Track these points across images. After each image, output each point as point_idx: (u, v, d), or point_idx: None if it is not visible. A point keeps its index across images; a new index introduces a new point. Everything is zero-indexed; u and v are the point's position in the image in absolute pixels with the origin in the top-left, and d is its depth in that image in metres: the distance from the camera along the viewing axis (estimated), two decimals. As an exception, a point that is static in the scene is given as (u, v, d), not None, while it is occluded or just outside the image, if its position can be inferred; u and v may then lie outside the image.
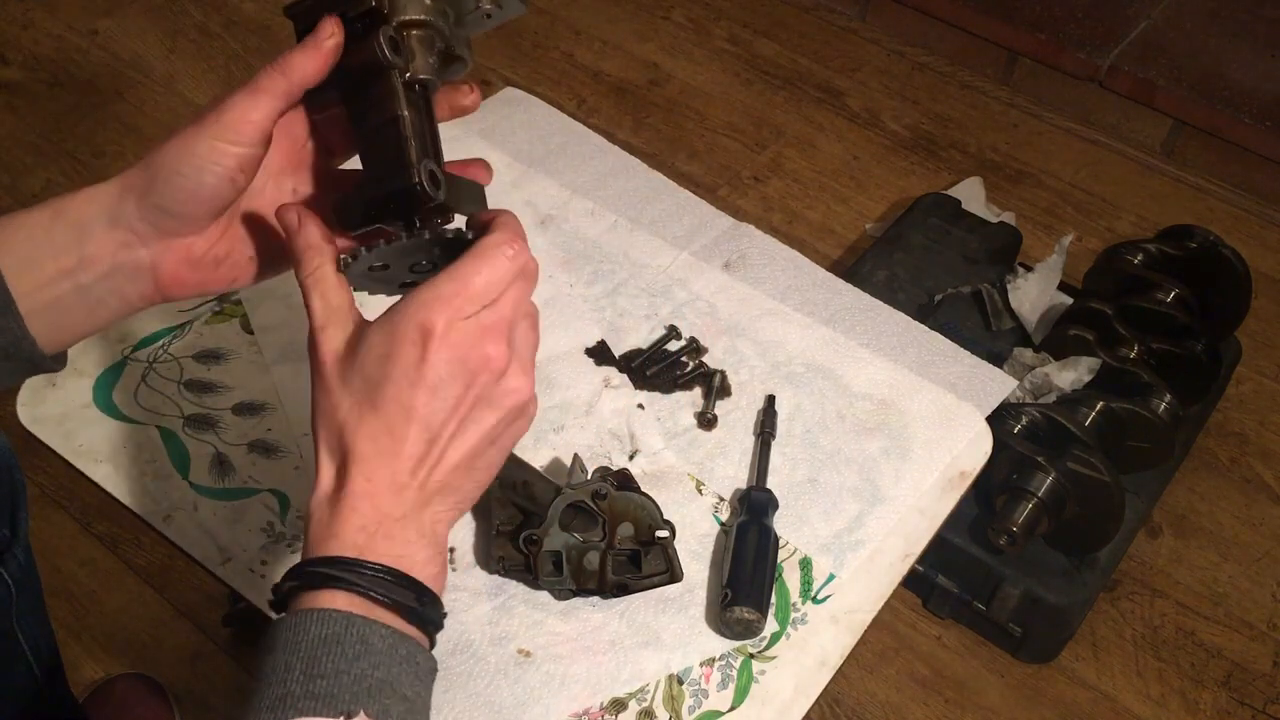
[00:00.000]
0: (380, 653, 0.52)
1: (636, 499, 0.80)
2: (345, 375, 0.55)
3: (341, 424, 0.55)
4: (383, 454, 0.54)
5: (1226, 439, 1.59)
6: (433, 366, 0.53)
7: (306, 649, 0.51)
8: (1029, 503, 1.25)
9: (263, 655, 0.52)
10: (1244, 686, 1.35)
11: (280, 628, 0.52)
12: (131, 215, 0.59)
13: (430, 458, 0.55)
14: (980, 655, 1.36)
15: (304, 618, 0.52)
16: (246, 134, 0.57)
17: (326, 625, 0.51)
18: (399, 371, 0.54)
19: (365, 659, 0.51)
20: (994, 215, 1.73)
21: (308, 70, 0.58)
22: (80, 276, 0.59)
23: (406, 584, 0.54)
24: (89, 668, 1.29)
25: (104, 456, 0.90)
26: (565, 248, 1.07)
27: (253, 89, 0.57)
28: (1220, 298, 1.47)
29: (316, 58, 0.58)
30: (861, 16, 2.28)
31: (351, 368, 0.55)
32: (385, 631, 0.53)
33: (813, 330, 1.01)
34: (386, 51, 0.57)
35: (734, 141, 2.01)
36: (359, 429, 0.55)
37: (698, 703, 0.78)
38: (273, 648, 0.52)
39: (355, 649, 0.51)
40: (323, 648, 0.51)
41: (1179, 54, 2.02)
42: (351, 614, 0.52)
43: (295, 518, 0.87)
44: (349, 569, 0.53)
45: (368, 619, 0.52)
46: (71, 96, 1.99)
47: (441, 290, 0.54)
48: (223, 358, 0.97)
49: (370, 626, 0.52)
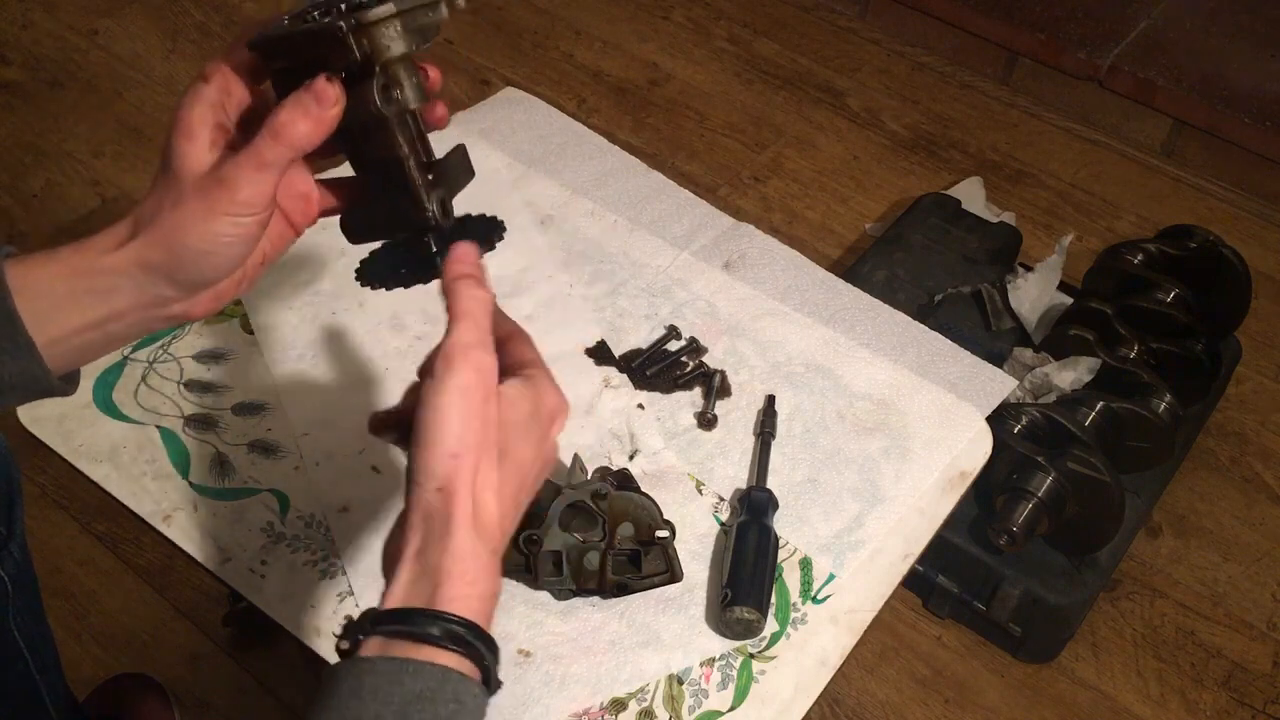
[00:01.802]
0: (470, 712, 0.51)
1: (636, 499, 0.80)
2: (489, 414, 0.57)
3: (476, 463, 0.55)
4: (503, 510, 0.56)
5: (1226, 439, 1.59)
6: (552, 446, 0.61)
7: (400, 703, 0.49)
8: (1029, 503, 1.25)
9: (344, 696, 0.50)
10: (1244, 686, 1.35)
11: (369, 673, 0.51)
12: (160, 286, 0.59)
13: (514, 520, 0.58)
14: (980, 655, 1.36)
15: (398, 668, 0.50)
16: (260, 205, 0.58)
17: (421, 680, 0.50)
18: (536, 437, 0.59)
19: (459, 718, 0.50)
20: (994, 215, 1.73)
21: (311, 139, 0.57)
22: (108, 327, 0.60)
23: (482, 638, 0.54)
24: (89, 668, 1.29)
25: (104, 456, 0.90)
26: (565, 248, 1.07)
27: (259, 163, 0.57)
28: (1220, 298, 1.47)
29: (319, 127, 0.57)
30: (861, 16, 2.28)
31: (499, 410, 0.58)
32: (477, 690, 0.52)
33: (813, 330, 1.01)
34: (381, 105, 0.58)
35: (734, 141, 2.01)
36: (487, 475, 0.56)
37: (698, 703, 0.78)
38: (359, 692, 0.50)
39: (449, 709, 0.50)
40: (416, 704, 0.49)
41: (1179, 54, 2.02)
42: (448, 669, 0.51)
43: (295, 518, 0.87)
44: (439, 623, 0.52)
45: (461, 675, 0.52)
46: (71, 96, 1.99)
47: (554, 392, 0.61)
48: (223, 358, 0.97)
49: (464, 684, 0.51)
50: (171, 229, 0.57)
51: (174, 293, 0.60)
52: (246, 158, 0.57)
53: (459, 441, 0.55)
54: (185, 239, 0.57)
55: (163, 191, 0.58)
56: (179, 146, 0.57)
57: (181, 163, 0.57)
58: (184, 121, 0.58)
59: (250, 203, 0.57)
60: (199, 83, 0.59)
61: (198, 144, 0.57)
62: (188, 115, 0.58)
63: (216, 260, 0.59)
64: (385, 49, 0.57)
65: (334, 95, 0.57)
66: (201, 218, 0.57)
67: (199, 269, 0.59)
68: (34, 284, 0.58)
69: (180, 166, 0.57)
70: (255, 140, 0.57)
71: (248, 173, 0.57)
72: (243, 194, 0.57)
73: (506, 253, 1.06)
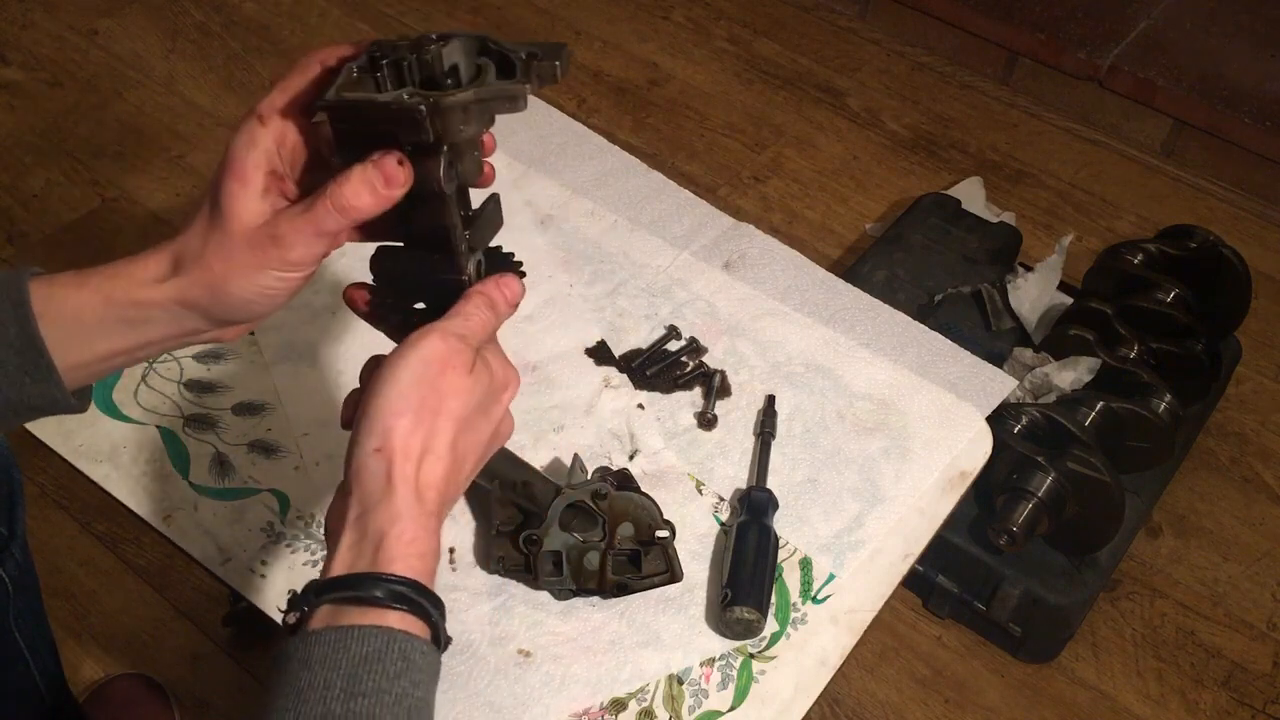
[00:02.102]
0: (420, 670, 0.52)
1: (636, 499, 0.80)
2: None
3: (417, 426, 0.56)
4: (447, 474, 0.57)
5: (1226, 439, 1.59)
6: (505, 418, 0.62)
7: (348, 667, 0.50)
8: (1029, 503, 1.25)
9: (295, 668, 0.51)
10: (1244, 686, 1.35)
11: (316, 643, 0.51)
12: (196, 321, 0.59)
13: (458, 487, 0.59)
14: (980, 655, 1.36)
15: (343, 635, 0.51)
16: (311, 265, 0.58)
17: (368, 642, 0.51)
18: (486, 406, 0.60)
19: (406, 676, 0.51)
20: (994, 215, 1.73)
21: (372, 213, 0.57)
22: (137, 355, 0.61)
23: (427, 595, 0.54)
24: (89, 668, 1.29)
25: (104, 456, 0.90)
26: (565, 248, 1.07)
27: (317, 230, 0.56)
28: (1220, 298, 1.47)
29: (382, 205, 0.57)
30: (861, 16, 2.28)
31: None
32: (425, 648, 0.53)
33: (813, 330, 1.01)
34: (444, 183, 0.58)
35: (734, 141, 2.01)
36: (430, 439, 0.56)
37: (698, 703, 0.78)
38: (308, 662, 0.51)
39: (397, 666, 0.51)
40: (364, 665, 0.50)
41: (1179, 54, 2.02)
42: (393, 630, 0.52)
43: (295, 517, 0.87)
44: (380, 584, 0.53)
45: (407, 634, 0.52)
46: (71, 96, 1.99)
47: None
48: (223, 358, 0.97)
49: (411, 643, 0.52)
50: (217, 275, 0.57)
51: (209, 327, 0.60)
52: (306, 222, 0.56)
53: (403, 401, 0.56)
54: (230, 287, 0.57)
55: (208, 232, 0.57)
56: (231, 190, 0.57)
57: (233, 207, 0.56)
58: (238, 165, 0.57)
59: (301, 263, 0.57)
60: (254, 123, 0.58)
61: (251, 190, 0.57)
62: (242, 159, 0.57)
63: (258, 308, 0.59)
64: (458, 132, 0.56)
65: (403, 179, 0.57)
66: (250, 270, 0.57)
67: (239, 313, 0.59)
68: (61, 308, 0.58)
69: (231, 212, 0.56)
70: (316, 206, 0.56)
71: (305, 237, 0.56)
72: (295, 255, 0.57)
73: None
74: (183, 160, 1.89)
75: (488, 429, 0.60)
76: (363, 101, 0.55)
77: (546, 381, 0.96)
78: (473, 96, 0.55)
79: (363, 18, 2.19)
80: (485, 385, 0.59)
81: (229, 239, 0.57)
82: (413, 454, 0.55)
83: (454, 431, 0.57)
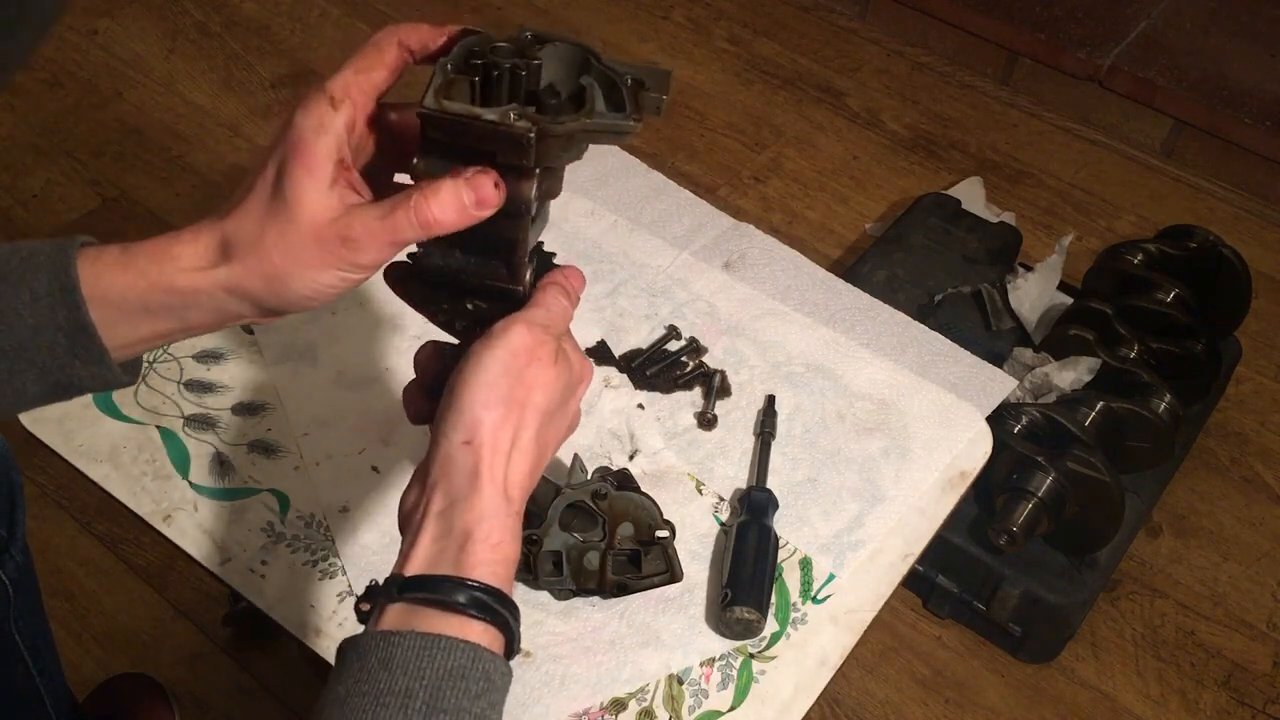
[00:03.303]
0: (498, 690, 0.51)
1: (636, 499, 0.80)
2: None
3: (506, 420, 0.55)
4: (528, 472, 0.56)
5: (1226, 439, 1.59)
6: (576, 413, 0.61)
7: (432, 679, 0.49)
8: (1029, 503, 1.25)
9: (373, 666, 0.49)
10: (1244, 686, 1.35)
11: (399, 646, 0.50)
12: (243, 308, 0.56)
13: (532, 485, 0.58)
14: (980, 655, 1.36)
15: (431, 644, 0.50)
16: (377, 268, 0.55)
17: (454, 656, 0.50)
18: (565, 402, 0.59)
19: (485, 697, 0.50)
20: (994, 215, 1.73)
21: (454, 229, 0.53)
22: (178, 335, 0.58)
23: (507, 605, 0.53)
24: (89, 668, 1.29)
25: (104, 456, 0.90)
26: (565, 248, 1.07)
27: (393, 240, 0.53)
28: (1220, 298, 1.47)
29: (467, 220, 0.53)
30: (861, 16, 2.28)
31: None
32: (504, 667, 0.52)
33: (813, 330, 1.01)
34: (530, 208, 0.54)
35: (734, 141, 2.01)
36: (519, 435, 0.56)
37: (698, 703, 0.78)
38: (389, 665, 0.49)
39: (479, 685, 0.50)
40: (449, 681, 0.49)
41: (1179, 54, 2.02)
42: (479, 647, 0.51)
43: (295, 517, 0.87)
44: (466, 590, 0.52)
45: (491, 653, 0.51)
46: (71, 96, 1.99)
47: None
48: (223, 358, 0.97)
49: (493, 662, 0.51)
50: (277, 268, 0.53)
51: (256, 315, 0.57)
52: (383, 230, 0.52)
53: (494, 395, 0.55)
54: (290, 282, 0.54)
55: (268, 220, 0.53)
56: (299, 179, 0.53)
57: (301, 199, 0.53)
58: (307, 152, 0.53)
59: (370, 266, 0.54)
60: (324, 104, 0.53)
61: (319, 180, 0.53)
62: (312, 146, 0.53)
63: (314, 303, 0.56)
64: (557, 158, 0.54)
65: (496, 201, 0.53)
66: (314, 267, 0.53)
67: (293, 306, 0.56)
68: (108, 291, 0.55)
69: (299, 204, 0.53)
70: (397, 214, 0.52)
71: (379, 244, 0.53)
72: (366, 260, 0.54)
73: (506, 253, 1.06)
74: (183, 160, 1.89)
75: (565, 422, 0.59)
76: (467, 117, 0.51)
77: (546, 381, 0.96)
78: (582, 127, 0.52)
79: (362, 17, 2.19)
80: (566, 378, 0.58)
81: (294, 232, 0.53)
82: (501, 448, 0.54)
83: (538, 424, 0.56)
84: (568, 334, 0.61)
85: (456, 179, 0.53)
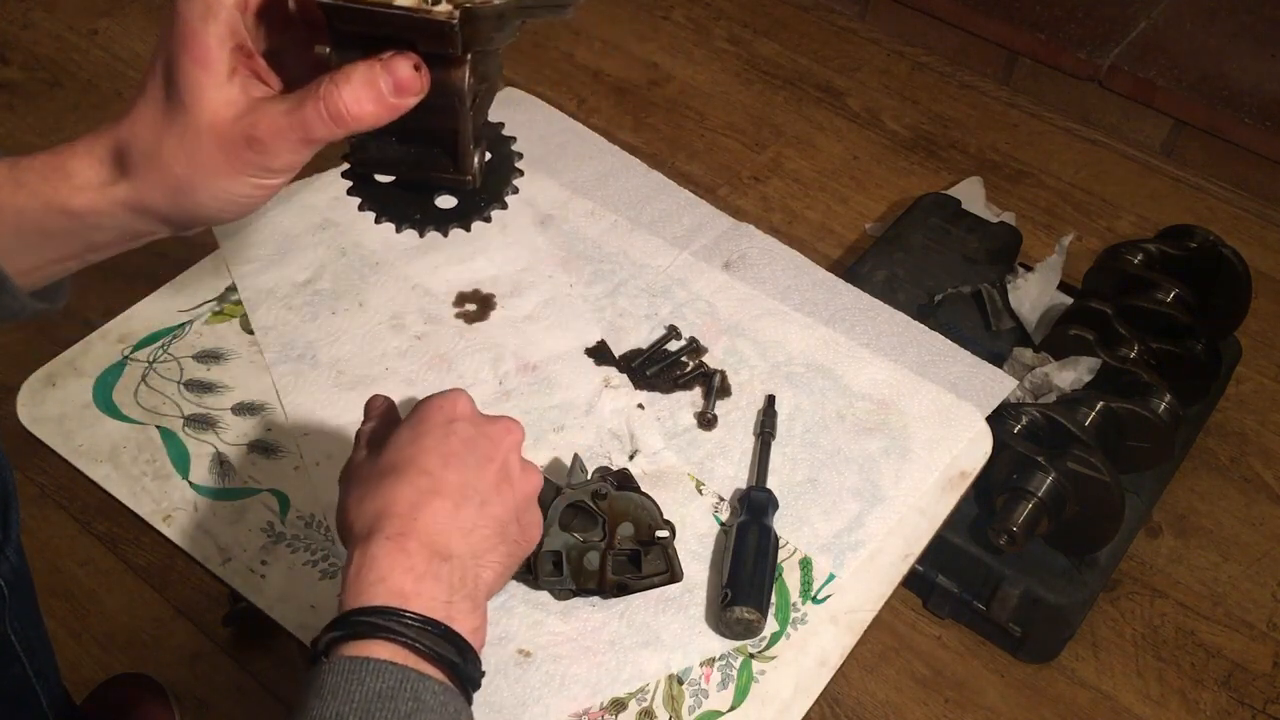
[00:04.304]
0: (432, 710, 0.51)
1: (636, 499, 0.80)
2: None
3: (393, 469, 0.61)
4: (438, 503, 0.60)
5: (1226, 439, 1.59)
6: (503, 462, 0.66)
7: (361, 701, 0.49)
8: (1029, 503, 1.25)
9: (309, 696, 0.50)
10: (1244, 686, 1.35)
11: (330, 673, 0.51)
12: (152, 224, 0.52)
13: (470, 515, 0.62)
14: (980, 655, 1.36)
15: (358, 667, 0.51)
16: (293, 171, 0.50)
17: (381, 679, 0.50)
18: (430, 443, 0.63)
19: (417, 716, 0.50)
20: (994, 215, 1.73)
21: (374, 124, 0.48)
22: (86, 257, 0.54)
23: (451, 638, 0.54)
24: (89, 668, 1.29)
25: (104, 456, 0.90)
26: (565, 248, 1.07)
27: (305, 135, 0.47)
28: (1220, 298, 1.47)
29: (387, 112, 0.47)
30: (861, 16, 2.28)
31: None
32: (438, 688, 0.52)
33: (813, 330, 1.01)
34: (464, 98, 0.49)
35: (734, 141, 2.01)
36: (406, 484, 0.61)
37: (698, 703, 0.78)
38: (321, 692, 0.50)
39: (408, 705, 0.50)
40: (377, 702, 0.50)
41: (1179, 54, 2.02)
42: (406, 668, 0.51)
43: (295, 518, 0.87)
44: (396, 619, 0.53)
45: (421, 674, 0.52)
46: (71, 96, 1.99)
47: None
48: (223, 358, 0.97)
49: (423, 682, 0.51)
50: (180, 178, 0.48)
51: (168, 231, 0.52)
52: (291, 126, 0.47)
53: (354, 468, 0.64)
54: (196, 194, 0.48)
55: (164, 125, 0.48)
56: (192, 75, 0.47)
57: (196, 97, 0.47)
58: (196, 42, 0.47)
59: (284, 170, 0.49)
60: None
61: (215, 73, 0.47)
62: (201, 34, 0.47)
63: (228, 215, 0.50)
64: (488, 40, 0.47)
65: (419, 87, 0.47)
66: (222, 174, 0.48)
67: (205, 220, 0.51)
68: (1, 215, 0.50)
69: (195, 103, 0.47)
70: (305, 107, 0.46)
71: (290, 143, 0.47)
72: (278, 162, 0.48)
73: (506, 252, 1.06)
74: (183, 160, 1.88)
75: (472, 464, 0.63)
76: (376, 4, 0.45)
77: (546, 381, 0.96)
78: (518, 2, 0.46)
79: (363, 18, 2.18)
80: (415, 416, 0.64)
81: (193, 136, 0.47)
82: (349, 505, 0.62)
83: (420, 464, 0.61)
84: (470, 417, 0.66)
85: (371, 63, 0.47)
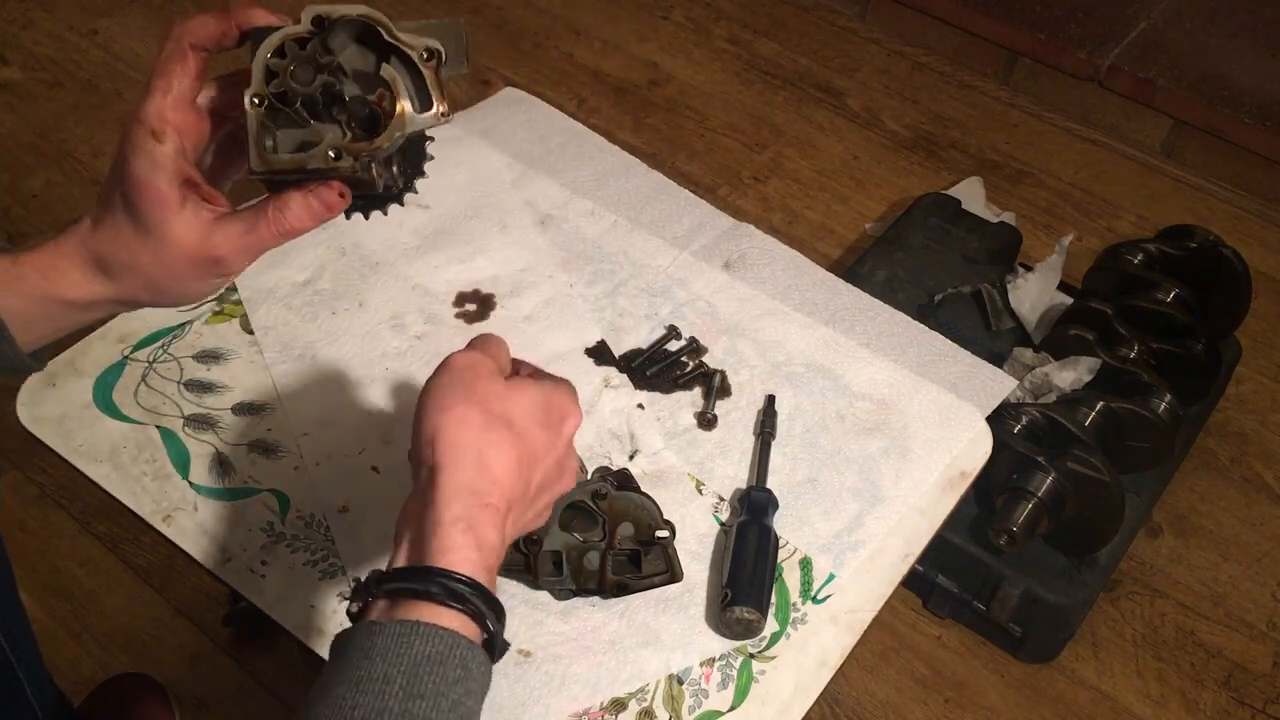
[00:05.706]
0: (475, 679, 0.52)
1: (636, 499, 0.80)
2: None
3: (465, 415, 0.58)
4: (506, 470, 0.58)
5: (1226, 439, 1.59)
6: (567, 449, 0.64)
7: (409, 665, 0.50)
8: (1029, 503, 1.25)
9: (354, 658, 0.51)
10: (1244, 686, 1.35)
11: (379, 634, 0.51)
12: (134, 305, 0.62)
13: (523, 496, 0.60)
14: (980, 655, 1.36)
15: (409, 630, 0.51)
16: (240, 269, 0.60)
17: (431, 643, 0.51)
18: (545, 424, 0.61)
19: (462, 684, 0.51)
20: (994, 215, 1.73)
21: (311, 228, 0.59)
22: (78, 326, 0.63)
23: (493, 605, 0.54)
24: (89, 668, 1.29)
25: (104, 456, 0.90)
26: (565, 248, 1.07)
27: (259, 247, 0.58)
28: (1220, 298, 1.47)
29: (319, 220, 0.59)
30: (861, 16, 2.28)
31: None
32: (482, 657, 0.53)
33: (813, 330, 1.01)
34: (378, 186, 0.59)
35: (734, 141, 2.01)
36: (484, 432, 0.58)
37: (698, 703, 0.78)
38: (369, 654, 0.50)
39: (456, 672, 0.51)
40: (426, 666, 0.50)
41: (1179, 54, 2.02)
42: (456, 634, 0.52)
43: (295, 518, 0.87)
44: (458, 584, 0.53)
45: (469, 642, 0.52)
46: (71, 96, 1.99)
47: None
48: (223, 358, 0.97)
49: (472, 651, 0.52)
50: (157, 282, 0.59)
51: (152, 304, 0.62)
52: (249, 245, 0.58)
53: (448, 396, 0.58)
54: (170, 293, 0.60)
55: (137, 246, 0.58)
56: (154, 215, 0.57)
57: (164, 231, 0.57)
58: (151, 190, 0.56)
59: (241, 270, 0.60)
60: (150, 142, 0.56)
61: (171, 208, 0.57)
62: (153, 183, 0.56)
63: (197, 299, 0.62)
64: (389, 159, 0.59)
65: (343, 204, 0.59)
66: (192, 281, 0.59)
67: (177, 304, 0.62)
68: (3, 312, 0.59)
69: (162, 235, 0.57)
70: (259, 229, 0.57)
71: (247, 255, 0.59)
72: (237, 268, 0.60)
73: (506, 252, 1.06)
74: (183, 160, 1.88)
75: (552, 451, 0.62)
76: (294, 169, 0.56)
77: (546, 381, 0.96)
78: (404, 139, 0.56)
79: (363, 18, 2.18)
80: (533, 393, 0.61)
81: (165, 256, 0.58)
82: (463, 441, 0.56)
83: (506, 427, 0.58)
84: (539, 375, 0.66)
85: (305, 193, 0.58)
